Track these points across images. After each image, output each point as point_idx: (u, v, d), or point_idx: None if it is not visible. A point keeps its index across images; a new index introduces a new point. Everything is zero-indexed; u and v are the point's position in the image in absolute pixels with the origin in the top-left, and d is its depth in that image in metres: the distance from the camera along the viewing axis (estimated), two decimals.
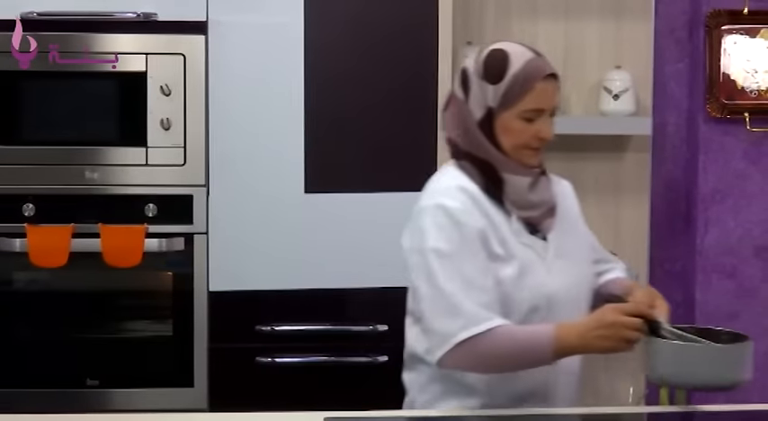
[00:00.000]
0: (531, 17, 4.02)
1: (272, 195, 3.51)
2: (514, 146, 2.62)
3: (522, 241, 2.63)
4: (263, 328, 3.53)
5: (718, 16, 4.06)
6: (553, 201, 2.70)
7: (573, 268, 2.67)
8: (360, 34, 3.53)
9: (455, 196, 2.61)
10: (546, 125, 2.62)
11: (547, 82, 2.61)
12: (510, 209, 2.63)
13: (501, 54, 2.63)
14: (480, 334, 2.50)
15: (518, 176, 2.63)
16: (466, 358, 2.53)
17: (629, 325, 2.45)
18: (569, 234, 2.71)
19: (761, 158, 4.10)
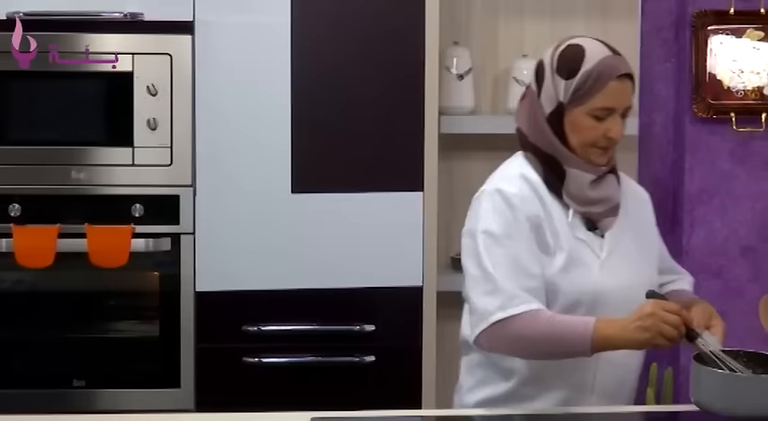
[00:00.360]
0: (517, 17, 4.03)
1: (258, 195, 3.51)
2: (582, 143, 2.63)
3: (577, 235, 2.64)
4: (250, 328, 3.53)
5: (704, 16, 4.06)
6: (617, 200, 2.70)
7: (629, 269, 2.66)
8: (347, 34, 3.53)
9: (515, 183, 2.65)
10: (616, 125, 2.61)
11: (620, 81, 2.60)
12: (568, 202, 2.65)
13: (577, 49, 2.63)
14: (516, 315, 2.51)
15: (581, 172, 2.64)
16: (501, 339, 2.55)
17: (668, 319, 2.44)
18: (632, 236, 2.71)
19: (747, 158, 4.11)
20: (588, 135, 2.61)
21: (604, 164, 2.66)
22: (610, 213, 2.68)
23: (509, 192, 2.63)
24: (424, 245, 3.56)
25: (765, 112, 4.07)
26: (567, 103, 2.61)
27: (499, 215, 2.61)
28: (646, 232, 2.77)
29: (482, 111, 4.02)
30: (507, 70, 3.97)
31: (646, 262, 2.72)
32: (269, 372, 3.54)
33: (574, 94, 2.60)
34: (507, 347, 2.58)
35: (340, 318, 3.56)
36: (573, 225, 2.64)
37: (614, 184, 2.70)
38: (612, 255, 2.65)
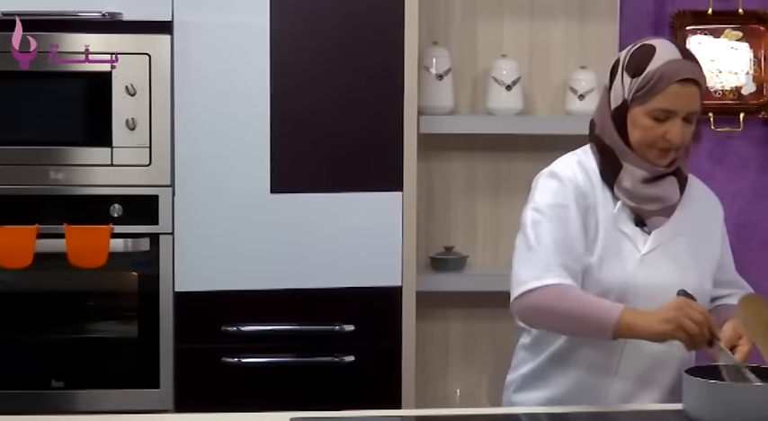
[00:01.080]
0: (496, 17, 4.03)
1: (238, 195, 3.50)
2: (641, 142, 2.67)
3: (621, 228, 2.68)
4: (229, 329, 3.52)
5: (682, 17, 4.08)
6: (672, 201, 2.72)
7: (670, 270, 2.67)
8: (326, 34, 3.53)
9: (571, 167, 2.72)
10: (675, 128, 2.63)
11: (683, 85, 2.62)
12: (618, 195, 2.69)
13: (648, 49, 2.67)
14: (547, 286, 2.57)
15: (636, 168, 2.68)
16: (530, 308, 2.61)
17: (692, 316, 2.45)
18: (686, 240, 2.72)
19: (725, 158, 4.13)
20: (647, 135, 2.65)
21: (664, 165, 2.69)
22: (661, 213, 2.71)
23: (563, 175, 2.70)
24: (404, 244, 3.56)
25: (743, 112, 4.10)
26: (630, 100, 2.67)
27: (551, 194, 2.68)
28: (704, 239, 2.77)
29: (461, 111, 4.02)
30: (486, 70, 3.97)
31: (694, 267, 2.71)
32: (248, 373, 3.54)
33: (636, 93, 2.65)
34: (536, 317, 2.65)
35: (319, 318, 3.56)
36: (619, 217, 2.69)
37: (673, 186, 2.72)
38: (655, 253, 2.68)
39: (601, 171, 2.72)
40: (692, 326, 2.45)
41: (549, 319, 2.64)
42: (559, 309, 2.58)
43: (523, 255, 2.65)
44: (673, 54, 2.64)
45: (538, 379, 2.75)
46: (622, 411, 2.61)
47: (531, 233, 2.65)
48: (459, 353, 4.06)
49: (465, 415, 2.68)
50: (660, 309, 2.50)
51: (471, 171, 4.05)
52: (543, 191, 2.71)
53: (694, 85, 2.64)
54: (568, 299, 2.57)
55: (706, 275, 2.74)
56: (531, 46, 4.04)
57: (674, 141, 2.63)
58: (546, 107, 4.06)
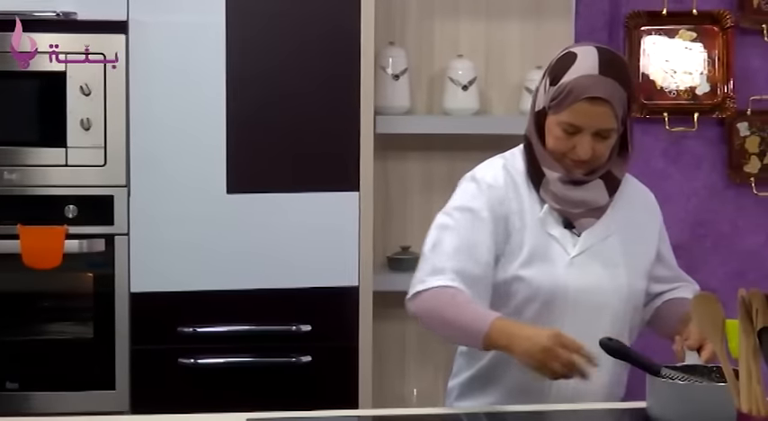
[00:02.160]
0: (453, 17, 4.04)
1: (194, 196, 3.49)
2: (554, 150, 2.64)
3: (549, 231, 2.65)
4: (186, 330, 3.51)
5: (637, 17, 4.11)
6: (598, 204, 2.68)
7: (601, 272, 2.65)
8: (282, 34, 3.52)
9: (493, 172, 2.69)
10: (584, 143, 2.58)
11: (592, 103, 2.55)
12: (544, 197, 2.65)
13: (569, 58, 2.61)
14: (430, 289, 2.57)
15: (554, 172, 2.65)
16: (418, 310, 2.62)
17: (560, 358, 2.38)
18: (618, 240, 2.69)
19: (680, 158, 4.15)
20: (558, 145, 2.62)
21: (581, 175, 2.65)
22: (590, 215, 2.67)
23: (482, 179, 2.68)
24: (360, 244, 3.56)
25: (698, 112, 4.13)
26: (547, 108, 2.63)
27: (464, 198, 2.67)
28: (638, 239, 2.74)
29: (418, 111, 4.03)
30: (443, 70, 3.98)
31: (626, 267, 2.69)
32: (205, 373, 3.53)
33: (550, 102, 2.61)
34: (424, 320, 2.64)
35: (276, 319, 3.55)
36: (546, 220, 2.65)
37: (599, 189, 2.67)
38: (584, 255, 2.65)
39: (528, 172, 2.68)
40: (558, 368, 2.39)
41: (433, 323, 2.61)
42: (437, 314, 2.57)
43: (423, 256, 2.65)
44: (590, 68, 2.56)
45: (479, 385, 2.72)
46: (599, 409, 2.61)
47: (434, 235, 2.65)
48: (416, 353, 4.07)
49: (422, 414, 2.68)
50: (530, 337, 2.41)
51: (428, 171, 4.06)
52: (459, 194, 2.69)
53: (605, 103, 2.55)
54: (447, 304, 2.55)
55: (638, 275, 2.72)
56: (487, 46, 4.06)
57: (582, 157, 2.58)
58: (502, 107, 4.08)
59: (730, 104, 4.12)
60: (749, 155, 4.16)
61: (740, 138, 4.16)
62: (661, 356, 2.56)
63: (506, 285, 2.63)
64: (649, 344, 2.79)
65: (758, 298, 2.10)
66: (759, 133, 4.16)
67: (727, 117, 4.13)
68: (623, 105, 2.59)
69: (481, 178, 2.68)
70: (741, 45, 4.14)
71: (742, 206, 4.18)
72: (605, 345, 2.47)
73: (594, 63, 2.57)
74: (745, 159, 4.16)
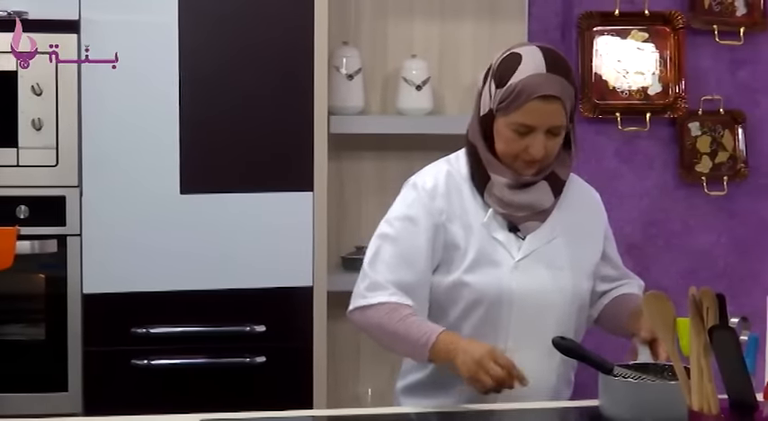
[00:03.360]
0: (407, 17, 4.04)
1: (147, 196, 3.48)
2: (505, 153, 2.63)
3: (493, 235, 2.65)
4: (139, 330, 3.49)
5: (589, 18, 4.13)
6: (543, 206, 2.67)
7: (547, 274, 2.66)
8: (235, 34, 3.51)
9: (434, 178, 2.69)
10: (537, 142, 2.58)
11: (545, 101, 2.55)
12: (488, 202, 2.65)
13: (514, 59, 2.60)
14: (372, 305, 2.60)
15: (501, 177, 2.63)
16: (361, 323, 2.66)
17: (490, 373, 2.44)
18: (563, 242, 2.69)
19: (632, 157, 4.18)
20: (510, 147, 2.61)
21: (530, 175, 2.64)
22: (534, 218, 2.67)
23: (422, 186, 2.68)
24: (315, 245, 3.56)
25: (650, 112, 4.15)
26: (495, 110, 2.61)
27: (403, 207, 2.68)
28: (583, 240, 2.75)
29: (372, 111, 4.03)
30: (397, 70, 3.98)
31: (570, 269, 2.69)
32: (158, 375, 3.51)
33: (499, 105, 2.60)
34: (367, 332, 2.70)
35: (230, 319, 3.54)
36: (490, 224, 2.65)
37: (544, 191, 2.67)
38: (529, 258, 2.65)
39: (472, 177, 2.68)
40: (487, 382, 2.44)
41: (376, 337, 2.68)
42: (382, 328, 2.61)
43: (363, 268, 2.68)
44: (537, 67, 2.57)
45: (428, 386, 2.72)
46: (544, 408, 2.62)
47: (374, 245, 2.68)
48: (371, 353, 4.07)
49: (377, 414, 2.69)
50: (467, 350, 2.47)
51: (382, 171, 4.06)
52: (399, 202, 2.71)
53: (557, 100, 2.56)
54: (390, 319, 2.59)
55: (584, 276, 2.73)
56: (441, 46, 4.06)
57: (536, 156, 2.58)
58: (456, 107, 4.08)
59: (682, 104, 4.15)
60: (700, 154, 4.20)
61: (691, 137, 4.19)
62: (612, 355, 2.58)
63: (452, 290, 2.64)
64: (602, 343, 2.81)
65: (709, 296, 2.12)
66: (710, 133, 4.20)
67: (679, 117, 4.17)
68: (571, 102, 2.61)
69: (421, 185, 2.68)
70: (692, 45, 4.17)
71: (693, 205, 4.22)
72: (558, 345, 2.49)
73: (541, 62, 2.58)
74: (696, 159, 4.19)
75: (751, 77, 4.23)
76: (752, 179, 4.24)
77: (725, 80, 4.22)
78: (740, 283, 4.22)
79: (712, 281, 4.09)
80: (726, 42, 4.17)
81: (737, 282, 4.22)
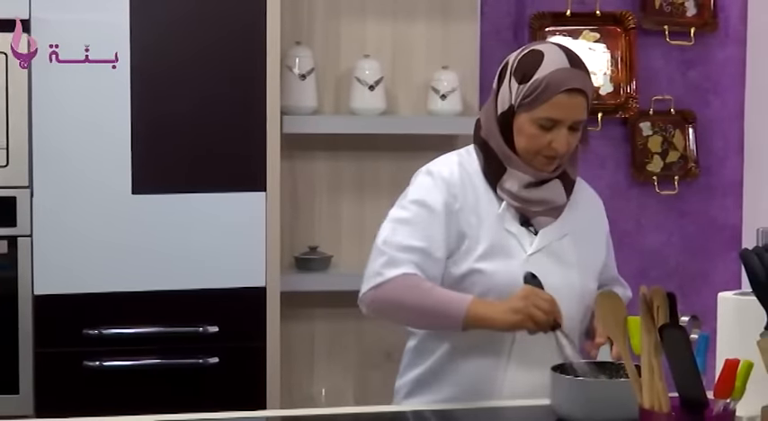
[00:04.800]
0: (359, 17, 4.04)
1: (98, 196, 3.46)
2: (527, 149, 2.64)
3: (507, 227, 2.66)
4: (91, 332, 3.47)
5: (541, 18, 4.15)
6: (557, 204, 2.70)
7: (556, 271, 2.67)
8: (187, 32, 3.50)
9: (449, 167, 2.70)
10: (560, 137, 2.61)
11: (570, 95, 2.59)
12: (501, 195, 2.67)
13: (536, 55, 2.63)
14: (392, 279, 2.58)
15: (519, 172, 2.66)
16: (377, 301, 2.62)
17: (540, 305, 2.49)
18: (572, 241, 2.71)
19: (584, 157, 4.19)
20: (533, 143, 2.63)
21: (549, 171, 2.67)
22: (547, 214, 2.69)
23: (438, 174, 2.68)
24: (267, 245, 3.55)
25: (601, 112, 4.18)
26: (516, 107, 2.63)
27: (420, 192, 2.67)
28: (590, 241, 2.78)
29: (325, 111, 4.02)
30: (350, 70, 3.98)
31: (579, 268, 2.71)
32: (111, 376, 3.49)
33: (522, 100, 2.62)
34: (385, 311, 2.66)
35: (183, 320, 3.53)
36: (504, 217, 2.67)
37: (558, 189, 2.70)
38: (541, 253, 2.67)
39: (484, 172, 2.70)
40: (539, 315, 2.49)
41: (397, 313, 2.65)
42: (407, 301, 2.59)
43: (376, 249, 2.65)
44: (561, 62, 2.61)
45: (427, 382, 2.72)
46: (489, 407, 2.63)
47: (389, 228, 2.66)
48: (325, 353, 4.07)
49: (330, 414, 2.68)
50: (508, 300, 2.53)
51: (335, 171, 4.06)
52: (415, 187, 2.70)
53: (581, 94, 2.61)
54: (415, 290, 2.58)
55: (591, 276, 2.75)
56: (394, 46, 4.07)
57: (560, 150, 2.62)
58: (409, 107, 4.09)
59: (633, 104, 4.18)
60: (652, 154, 4.23)
61: (643, 137, 4.22)
62: None
63: (462, 279, 2.65)
64: None
65: (659, 295, 2.14)
66: (661, 133, 4.23)
67: (630, 117, 4.20)
68: (592, 97, 2.67)
69: (437, 172, 2.69)
70: (643, 46, 4.20)
71: (645, 205, 4.25)
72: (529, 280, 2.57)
73: (563, 57, 2.63)
74: (647, 158, 4.23)
75: (701, 77, 4.27)
76: (702, 178, 4.28)
77: (676, 80, 4.26)
78: (691, 282, 4.26)
79: (663, 280, 4.13)
80: (676, 43, 4.21)
81: (688, 281, 4.26)
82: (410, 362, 2.78)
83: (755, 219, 4.15)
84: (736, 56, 4.27)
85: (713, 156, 4.29)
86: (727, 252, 4.26)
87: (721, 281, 4.20)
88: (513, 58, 2.69)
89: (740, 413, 2.18)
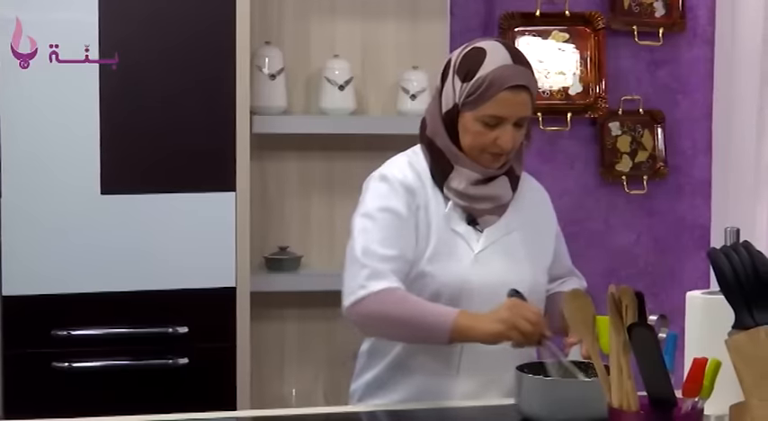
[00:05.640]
0: (329, 17, 4.04)
1: (67, 197, 3.44)
2: (472, 147, 2.65)
3: (453, 227, 2.67)
4: (60, 333, 3.46)
5: (511, 18, 4.16)
6: (504, 200, 2.71)
7: (505, 267, 2.68)
8: (156, 32, 3.49)
9: (401, 169, 2.70)
10: (506, 134, 2.62)
11: (513, 92, 2.60)
12: (448, 195, 2.67)
13: (479, 53, 2.64)
14: (376, 292, 2.56)
15: (467, 170, 2.66)
16: (361, 317, 2.61)
17: (526, 316, 2.49)
18: (520, 236, 2.73)
19: (553, 157, 4.22)
20: (478, 140, 2.64)
21: (496, 168, 2.69)
22: (494, 211, 2.71)
23: (393, 177, 2.68)
24: (237, 245, 3.54)
25: (571, 112, 4.19)
26: (460, 105, 2.64)
27: (380, 198, 2.67)
28: (538, 235, 2.79)
29: (294, 111, 4.02)
30: (319, 70, 3.98)
31: (529, 262, 2.73)
32: (80, 377, 3.48)
33: (467, 99, 2.63)
34: (370, 326, 2.65)
35: (152, 321, 3.52)
36: (450, 217, 2.68)
37: (504, 185, 2.71)
38: (488, 251, 2.69)
39: (431, 171, 2.71)
40: (526, 326, 2.49)
41: (382, 327, 2.63)
42: (392, 315, 2.58)
43: (352, 263, 2.63)
44: (503, 59, 2.62)
45: (380, 386, 2.73)
46: (453, 407, 2.64)
47: (360, 240, 2.64)
48: (295, 353, 4.06)
49: (301, 414, 2.68)
50: (495, 311, 2.53)
51: (305, 171, 4.05)
52: (373, 195, 2.69)
53: (525, 90, 2.62)
54: (402, 304, 2.58)
55: (540, 270, 2.78)
56: (364, 46, 4.07)
57: (505, 147, 2.63)
58: (378, 107, 4.09)
59: (602, 104, 4.19)
60: (621, 154, 4.24)
61: (612, 137, 4.24)
62: None
63: (413, 282, 2.66)
64: None
65: (628, 294, 2.15)
66: (630, 133, 4.25)
67: (599, 117, 4.21)
68: (535, 93, 2.68)
69: (392, 176, 2.69)
70: (612, 46, 4.22)
71: (614, 204, 4.26)
72: (513, 295, 2.57)
73: (506, 54, 2.64)
74: (616, 158, 4.24)
75: (670, 77, 4.29)
76: (671, 178, 4.30)
77: (644, 80, 4.27)
78: (660, 281, 4.28)
79: (633, 279, 4.15)
80: (645, 43, 4.22)
81: (658, 281, 4.27)
82: (364, 365, 2.79)
83: (724, 218, 4.18)
84: (705, 56, 4.29)
85: (682, 155, 4.31)
86: (696, 251, 4.28)
87: (690, 280, 4.23)
88: (455, 55, 2.70)
89: (708, 411, 2.19)
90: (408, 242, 2.64)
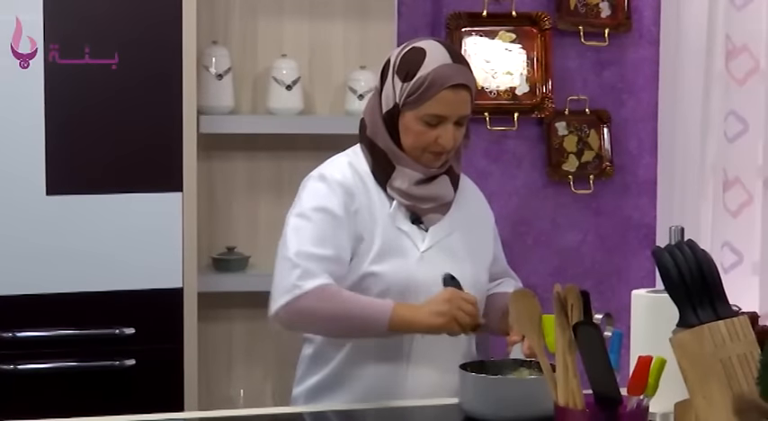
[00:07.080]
0: (276, 16, 4.03)
1: (11, 197, 3.41)
2: (413, 146, 2.66)
3: (398, 226, 2.68)
4: (5, 335, 3.43)
5: (458, 18, 4.17)
6: (446, 199, 2.73)
7: (449, 265, 2.69)
8: (102, 32, 3.46)
9: (340, 169, 2.70)
10: (447, 133, 2.63)
11: (454, 91, 2.62)
12: (392, 194, 2.68)
13: (418, 53, 2.64)
14: (310, 291, 2.56)
15: (409, 169, 2.67)
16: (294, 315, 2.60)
17: (464, 308, 2.52)
18: (462, 235, 2.74)
19: (501, 157, 4.23)
20: (419, 140, 2.65)
21: (437, 167, 2.70)
22: (437, 210, 2.73)
23: (331, 178, 2.68)
24: (184, 245, 3.53)
25: (518, 112, 4.21)
26: (401, 105, 2.65)
27: (317, 198, 2.66)
28: (478, 234, 2.82)
29: (242, 111, 4.01)
30: (267, 70, 3.97)
31: (471, 260, 2.76)
32: (25, 380, 3.45)
33: (407, 98, 2.64)
34: (303, 323, 2.65)
35: (99, 322, 3.50)
36: (395, 216, 2.69)
37: (446, 185, 2.73)
38: (433, 249, 2.70)
39: (373, 172, 2.72)
40: (463, 318, 2.53)
41: (317, 323, 2.63)
42: (327, 311, 2.59)
43: (283, 262, 2.63)
44: (443, 58, 2.64)
45: (327, 389, 2.73)
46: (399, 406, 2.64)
47: (293, 239, 2.63)
48: (243, 354, 4.05)
49: (249, 415, 2.68)
50: (431, 302, 2.56)
51: (253, 171, 4.04)
52: (309, 194, 2.69)
53: (465, 89, 2.65)
54: (336, 300, 2.58)
55: (482, 269, 2.80)
56: (311, 45, 4.06)
57: (447, 146, 2.66)
58: (326, 107, 4.09)
59: (549, 104, 4.22)
60: (567, 154, 4.27)
61: (558, 137, 4.26)
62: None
63: (360, 281, 2.67)
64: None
65: (573, 293, 2.16)
66: (576, 132, 4.27)
67: (546, 117, 4.23)
68: (475, 92, 2.70)
69: (330, 176, 2.69)
70: (559, 46, 4.24)
71: (561, 204, 4.29)
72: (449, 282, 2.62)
73: (445, 53, 2.65)
74: (563, 158, 4.27)
75: (616, 78, 4.32)
76: (617, 177, 4.33)
77: (590, 80, 4.30)
78: (607, 280, 4.31)
79: (580, 278, 4.17)
80: (591, 43, 4.25)
81: (604, 279, 4.30)
82: (307, 369, 2.78)
83: (669, 217, 4.21)
84: (650, 56, 4.32)
85: (627, 155, 4.34)
86: (642, 250, 4.32)
87: (636, 278, 4.26)
88: (394, 55, 2.71)
89: (653, 409, 2.21)
90: (343, 244, 2.64)
